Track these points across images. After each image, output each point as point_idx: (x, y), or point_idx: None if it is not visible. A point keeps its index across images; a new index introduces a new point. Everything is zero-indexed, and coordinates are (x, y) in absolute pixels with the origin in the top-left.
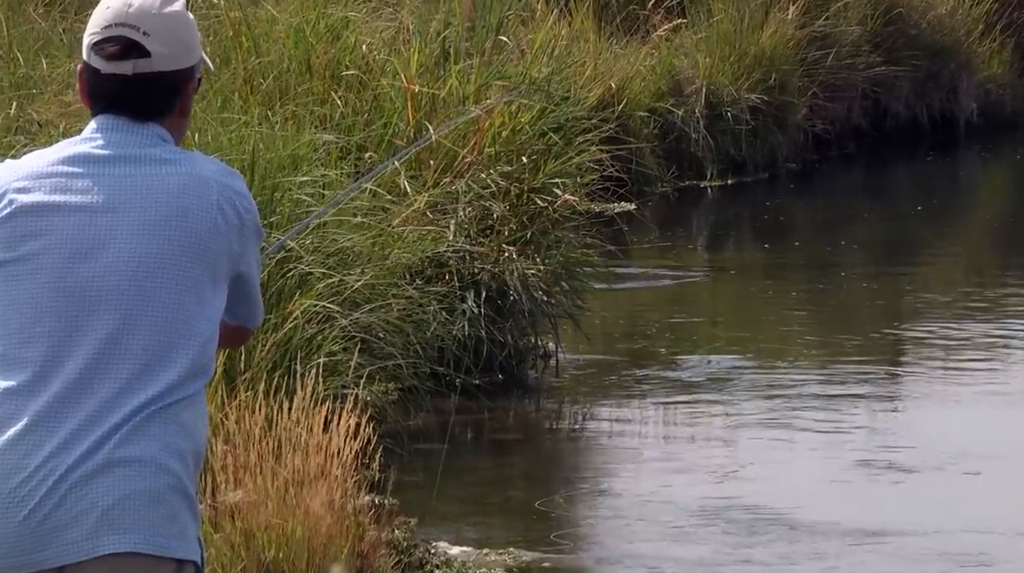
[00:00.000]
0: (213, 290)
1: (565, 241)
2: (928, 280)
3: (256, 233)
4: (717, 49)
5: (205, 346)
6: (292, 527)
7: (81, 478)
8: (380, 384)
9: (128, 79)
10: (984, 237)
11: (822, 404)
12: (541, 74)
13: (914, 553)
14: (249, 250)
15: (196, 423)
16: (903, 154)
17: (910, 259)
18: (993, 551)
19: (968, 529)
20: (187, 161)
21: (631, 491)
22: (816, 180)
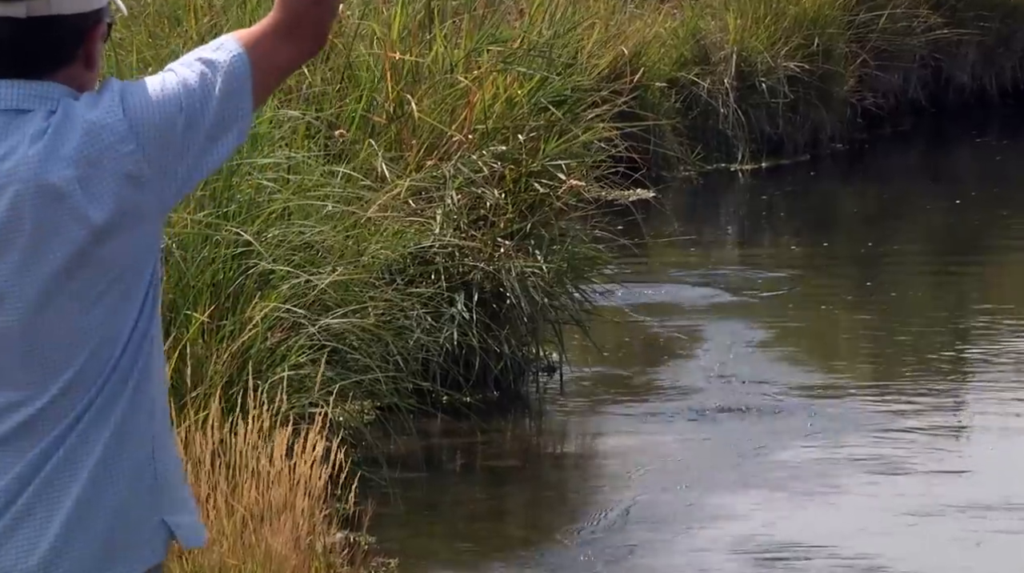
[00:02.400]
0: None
1: (571, 234)
2: (997, 284)
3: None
4: (750, 8)
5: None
6: (251, 569)
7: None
8: (354, 402)
9: (20, 22)
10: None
11: (869, 433)
12: (542, 38)
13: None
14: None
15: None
16: (968, 132)
17: (975, 258)
18: None
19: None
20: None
21: (647, 528)
22: (866, 163)
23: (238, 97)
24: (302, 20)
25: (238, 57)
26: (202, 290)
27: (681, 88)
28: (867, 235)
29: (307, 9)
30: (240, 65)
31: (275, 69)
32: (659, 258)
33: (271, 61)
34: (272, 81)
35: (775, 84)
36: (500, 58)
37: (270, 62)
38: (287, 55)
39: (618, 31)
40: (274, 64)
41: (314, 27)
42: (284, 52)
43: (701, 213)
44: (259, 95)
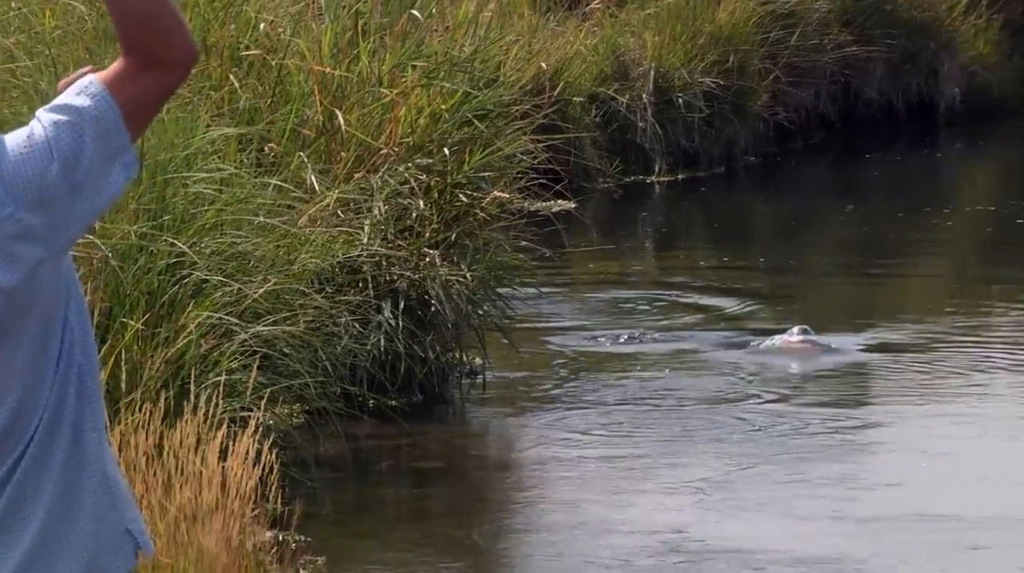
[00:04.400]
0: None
1: (494, 244)
2: (905, 294)
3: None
4: (667, 26)
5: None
6: (183, 567)
7: None
8: (284, 406)
9: None
10: (965, 242)
11: (781, 442)
12: (464, 53)
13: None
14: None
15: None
16: (876, 146)
17: (884, 266)
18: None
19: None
20: None
21: (565, 524)
22: (778, 175)
23: (113, 136)
24: (145, 49)
25: (103, 98)
26: (138, 298)
27: (601, 103)
28: (779, 244)
29: (140, 39)
30: (106, 106)
31: (145, 100)
32: (579, 267)
33: (138, 94)
34: (146, 112)
35: (691, 99)
36: (424, 73)
37: (137, 95)
38: (153, 84)
39: (540, 48)
40: (142, 96)
41: (164, 52)
42: (149, 82)
43: (620, 224)
44: (136, 128)
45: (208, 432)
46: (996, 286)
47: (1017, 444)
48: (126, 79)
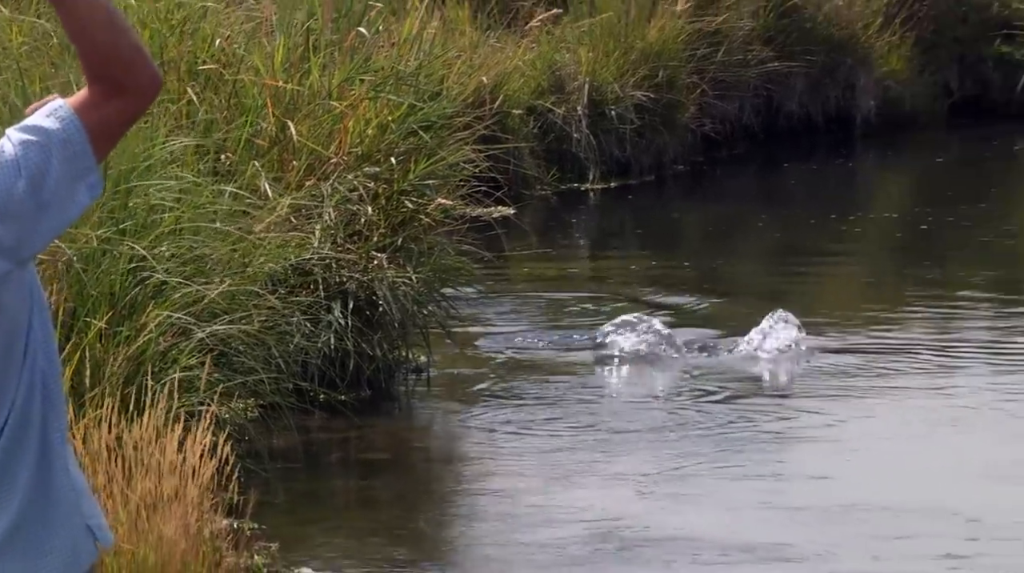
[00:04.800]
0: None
1: (438, 247)
2: (823, 295)
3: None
4: (601, 43)
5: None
6: (144, 553)
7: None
8: (239, 401)
9: None
10: (877, 246)
11: (720, 435)
12: (410, 68)
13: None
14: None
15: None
16: (796, 155)
17: (804, 268)
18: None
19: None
20: None
21: (506, 513)
22: (705, 183)
23: (79, 158)
24: (111, 79)
25: (71, 122)
26: (100, 299)
27: (538, 115)
28: (706, 248)
29: (105, 70)
30: (74, 129)
31: (110, 125)
32: (518, 269)
33: (103, 118)
34: (111, 136)
35: (623, 111)
36: (372, 87)
37: (102, 119)
38: (118, 111)
39: (481, 62)
40: (108, 121)
41: (129, 81)
42: (114, 109)
43: (556, 229)
44: (101, 150)
45: (167, 425)
46: (908, 288)
47: (934, 437)
48: (92, 105)
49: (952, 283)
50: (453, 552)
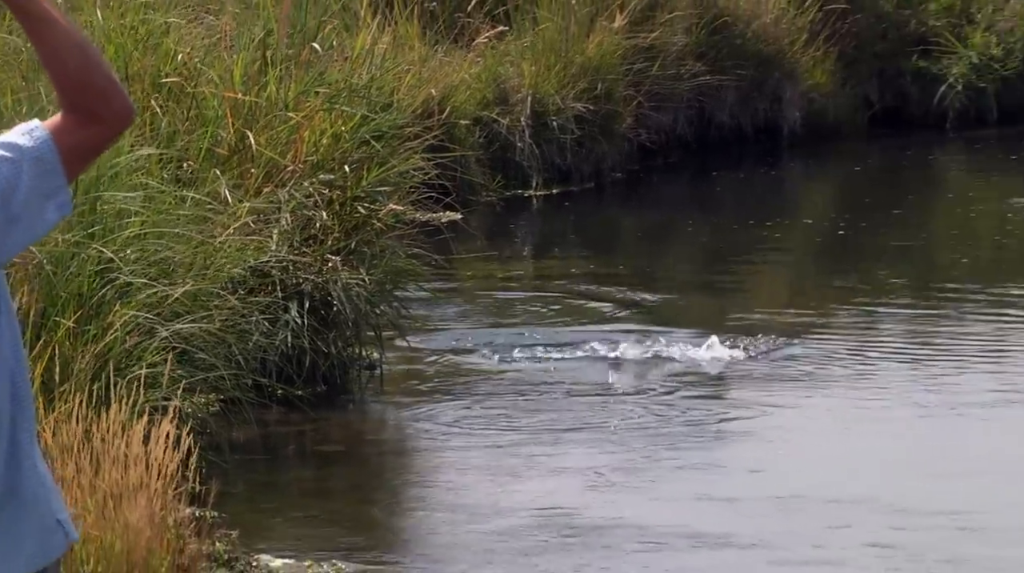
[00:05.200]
0: None
1: (390, 251)
2: (752, 296)
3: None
4: (543, 58)
5: None
6: (111, 540)
7: None
8: (201, 396)
9: None
10: (801, 250)
11: (654, 432)
12: (362, 81)
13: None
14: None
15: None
16: (727, 164)
17: (733, 271)
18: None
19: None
20: None
21: (455, 501)
22: (641, 190)
23: (50, 177)
24: (85, 108)
25: (45, 142)
26: (69, 299)
27: (484, 125)
28: (642, 251)
29: (80, 99)
30: (47, 149)
31: (83, 151)
32: (466, 271)
33: (76, 143)
34: (83, 160)
35: (564, 122)
36: (326, 98)
37: (76, 144)
38: (91, 138)
39: (429, 76)
40: (81, 146)
41: (102, 111)
42: (87, 136)
43: (501, 233)
44: (72, 171)
45: (133, 419)
46: (830, 289)
47: (860, 432)
48: (66, 131)
49: (871, 284)
50: (404, 540)
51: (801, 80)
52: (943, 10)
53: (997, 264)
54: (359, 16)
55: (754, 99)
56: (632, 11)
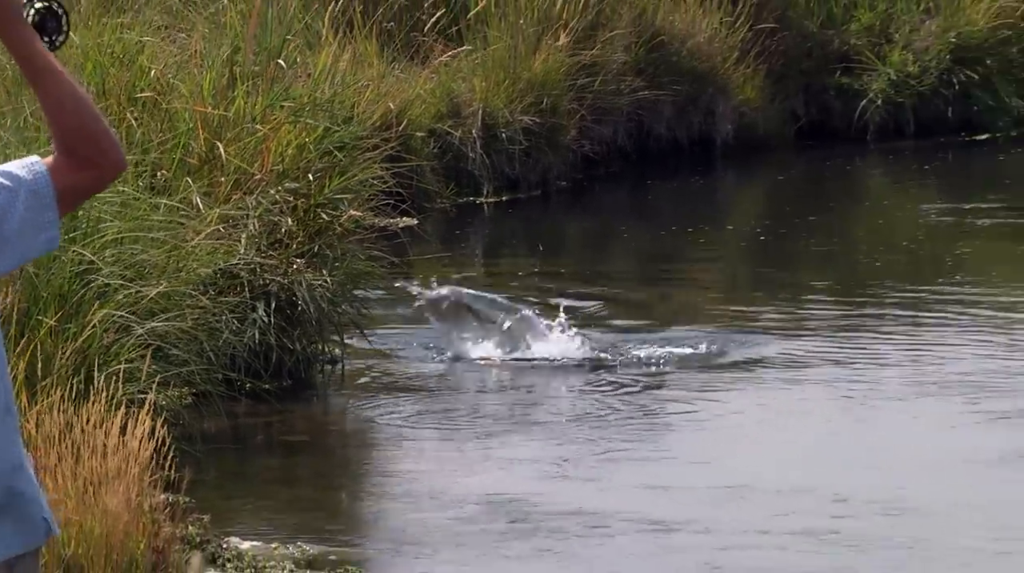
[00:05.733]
0: None
1: (350, 254)
2: (689, 295)
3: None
4: (492, 74)
5: None
6: (91, 524)
7: None
8: (175, 389)
9: None
10: (736, 252)
11: (599, 424)
12: (325, 96)
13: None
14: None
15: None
16: (664, 174)
17: (671, 272)
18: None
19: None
20: None
21: (412, 488)
22: (584, 198)
23: (44, 211)
24: (79, 154)
25: (43, 178)
26: (50, 299)
27: (438, 137)
28: (585, 255)
29: (75, 146)
30: (44, 185)
31: (75, 191)
32: (421, 273)
33: (70, 184)
34: (75, 199)
35: (513, 134)
36: (291, 112)
37: (70, 185)
38: (84, 181)
39: (387, 91)
40: (74, 187)
41: (96, 157)
42: (81, 178)
43: (454, 237)
44: (64, 208)
45: (111, 411)
46: (757, 290)
47: (791, 423)
48: (63, 171)
49: (795, 285)
50: (364, 523)
51: (733, 95)
52: (864, 30)
53: (912, 267)
54: (321, 35)
55: (689, 113)
56: (575, 30)
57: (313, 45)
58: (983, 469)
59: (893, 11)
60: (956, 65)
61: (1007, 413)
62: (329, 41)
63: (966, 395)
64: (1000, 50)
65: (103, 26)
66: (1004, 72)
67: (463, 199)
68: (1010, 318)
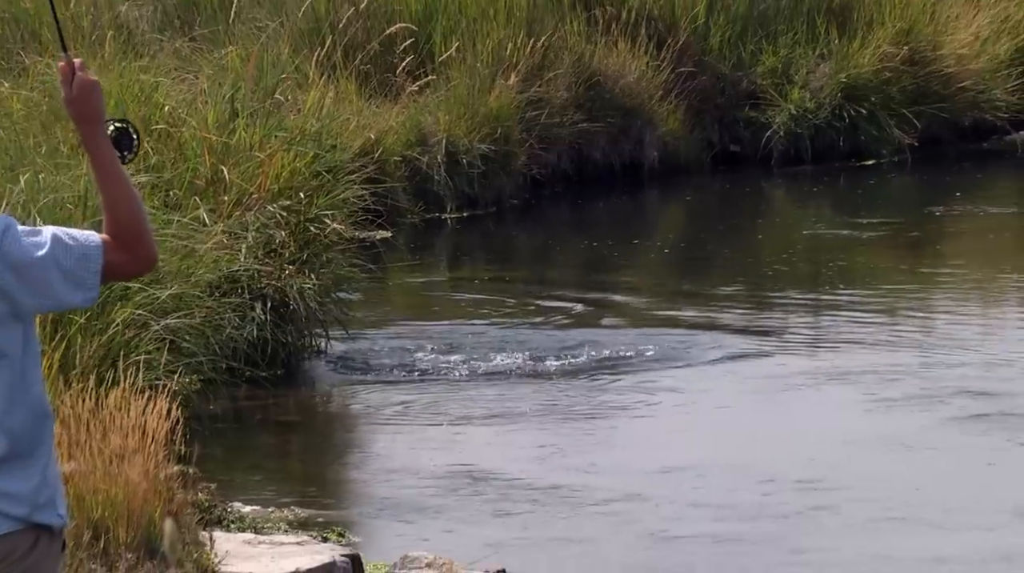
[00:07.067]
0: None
1: (335, 261)
2: (622, 295)
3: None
4: (455, 108)
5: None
6: (115, 492)
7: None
8: (186, 377)
9: None
10: (661, 260)
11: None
12: (313, 127)
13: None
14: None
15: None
16: (600, 193)
17: (607, 277)
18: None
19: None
20: None
21: (390, 462)
22: (533, 214)
23: (89, 273)
24: (122, 239)
25: (96, 247)
26: None
27: (408, 162)
28: (533, 264)
29: (121, 233)
30: (96, 252)
31: (114, 269)
32: (395, 278)
33: (111, 261)
34: (111, 274)
35: (472, 159)
36: (285, 141)
37: (110, 261)
38: (122, 261)
39: (366, 123)
40: (112, 263)
41: (134, 248)
42: (119, 259)
43: (423, 247)
44: (106, 278)
45: (131, 396)
46: (679, 293)
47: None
48: (110, 249)
49: (709, 290)
50: (349, 491)
51: (658, 126)
52: (768, 72)
53: (809, 273)
54: (309, 76)
55: (621, 142)
56: (523, 72)
57: (302, 85)
58: (880, 445)
59: (792, 56)
60: (846, 101)
61: (893, 399)
62: (316, 81)
63: (860, 384)
64: (883, 89)
65: (123, 68)
66: (886, 107)
67: (430, 215)
68: (893, 317)
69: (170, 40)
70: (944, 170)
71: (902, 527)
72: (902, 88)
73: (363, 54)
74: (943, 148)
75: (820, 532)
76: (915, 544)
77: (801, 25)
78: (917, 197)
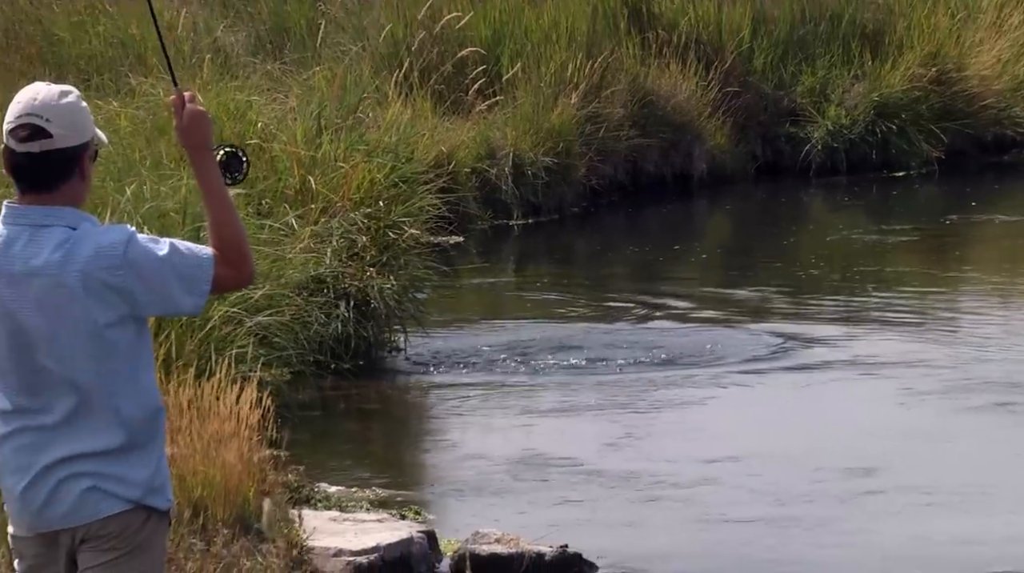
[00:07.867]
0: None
1: (411, 264)
2: (677, 293)
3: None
4: (520, 124)
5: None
6: (213, 473)
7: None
8: (276, 369)
9: (36, 155)
10: (711, 263)
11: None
12: (391, 141)
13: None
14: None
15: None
16: (653, 202)
17: (661, 279)
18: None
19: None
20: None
21: (464, 448)
22: (591, 221)
23: (200, 282)
24: (225, 254)
25: (208, 258)
26: None
27: (478, 172)
28: (592, 267)
29: (225, 249)
30: (208, 263)
31: (223, 280)
32: (466, 279)
33: (221, 273)
34: (220, 287)
35: (536, 171)
36: (366, 153)
37: (221, 273)
38: (228, 275)
39: (440, 138)
40: (223, 276)
41: (235, 262)
42: (228, 272)
43: (492, 251)
44: (214, 289)
45: (227, 386)
46: (726, 291)
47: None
48: (217, 262)
49: (755, 292)
50: (425, 474)
51: (706, 141)
52: (807, 91)
53: (844, 275)
54: (388, 95)
55: (672, 155)
56: (583, 91)
57: (382, 103)
58: (918, 435)
59: (829, 76)
60: (878, 118)
61: (928, 392)
62: (394, 100)
63: (895, 378)
64: (912, 107)
65: (220, 89)
66: (915, 123)
67: (498, 222)
68: (923, 316)
69: (262, 63)
70: (968, 181)
71: (941, 511)
72: (930, 106)
73: (437, 75)
74: (967, 161)
75: (864, 516)
76: (953, 527)
77: (837, 48)
78: (943, 206)
